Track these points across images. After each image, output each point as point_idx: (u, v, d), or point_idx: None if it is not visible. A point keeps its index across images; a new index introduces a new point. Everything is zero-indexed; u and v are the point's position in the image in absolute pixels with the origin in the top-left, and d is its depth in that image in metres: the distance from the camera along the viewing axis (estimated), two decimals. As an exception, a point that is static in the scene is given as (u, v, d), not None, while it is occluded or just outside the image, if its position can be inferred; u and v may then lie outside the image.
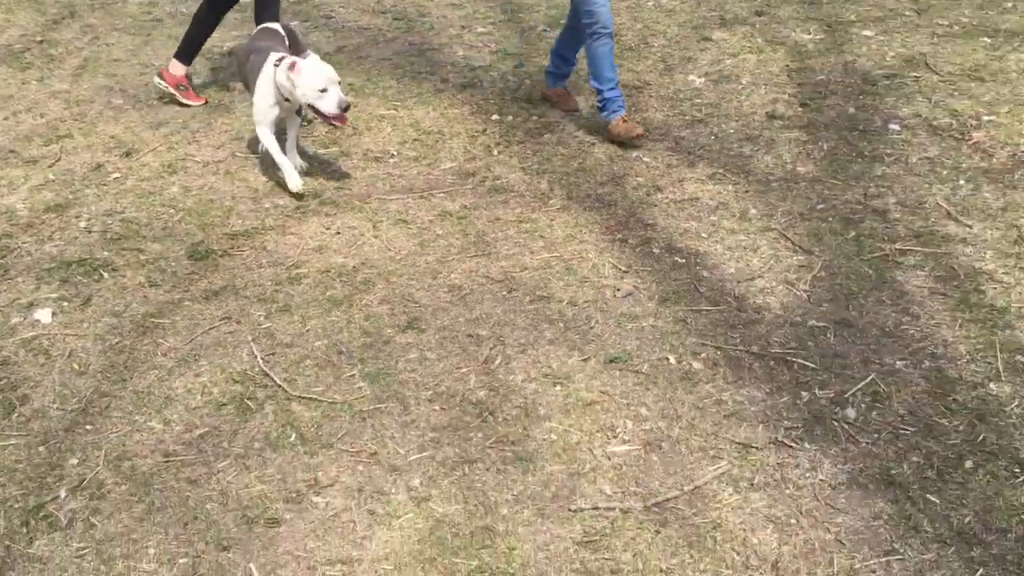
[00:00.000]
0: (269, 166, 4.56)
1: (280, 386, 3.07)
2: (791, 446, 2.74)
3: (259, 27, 4.68)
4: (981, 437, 2.71)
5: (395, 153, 4.70)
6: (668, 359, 3.15)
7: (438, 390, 3.04)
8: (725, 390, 2.99)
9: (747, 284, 3.55)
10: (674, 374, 3.08)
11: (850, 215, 3.96)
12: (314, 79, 4.00)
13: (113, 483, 2.67)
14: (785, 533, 2.45)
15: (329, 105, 4.02)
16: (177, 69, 5.24)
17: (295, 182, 4.24)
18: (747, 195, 4.18)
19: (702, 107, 5.05)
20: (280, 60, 4.13)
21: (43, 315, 3.43)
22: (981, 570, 2.29)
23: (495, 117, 5.10)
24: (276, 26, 4.62)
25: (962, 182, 4.10)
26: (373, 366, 3.16)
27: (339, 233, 4.00)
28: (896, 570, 2.32)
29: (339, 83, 4.05)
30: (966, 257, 3.58)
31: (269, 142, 4.27)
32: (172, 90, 5.24)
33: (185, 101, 5.25)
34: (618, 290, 3.56)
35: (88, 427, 2.90)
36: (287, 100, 4.17)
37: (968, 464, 2.62)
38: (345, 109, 4.05)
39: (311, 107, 4.08)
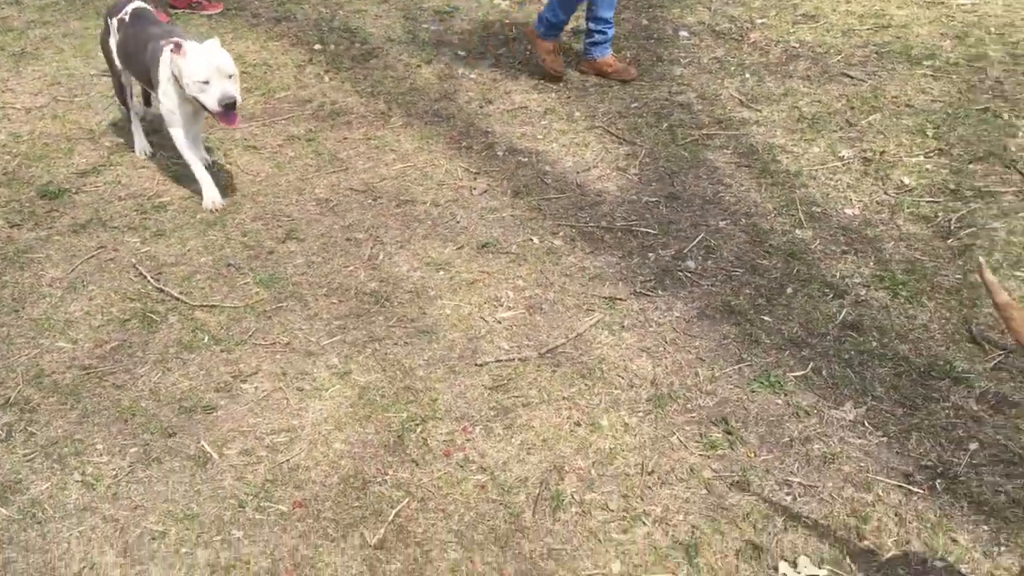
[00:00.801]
0: (109, 108, 4.54)
1: (179, 299, 3.21)
2: (648, 295, 3.23)
3: (132, 8, 3.89)
4: (796, 270, 3.31)
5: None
6: (532, 240, 3.55)
7: (332, 286, 3.30)
8: (585, 259, 3.44)
9: (585, 174, 4.00)
10: (540, 251, 3.49)
11: (660, 110, 4.49)
12: (197, 67, 3.36)
13: (40, 397, 2.76)
14: (656, 358, 2.93)
15: (210, 100, 3.38)
16: None
17: (212, 197, 3.71)
18: (570, 100, 4.63)
19: (513, 27, 5.43)
20: (170, 43, 3.49)
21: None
22: (811, 363, 2.87)
23: (317, 47, 5.26)
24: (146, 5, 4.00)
25: (747, 76, 4.73)
26: (264, 273, 3.36)
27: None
28: (747, 373, 2.85)
29: (231, 77, 3.40)
30: (761, 135, 4.20)
31: (182, 147, 3.71)
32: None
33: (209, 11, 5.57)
34: (474, 189, 3.91)
35: (-9, 356, 2.94)
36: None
37: (789, 290, 3.21)
38: (229, 106, 3.38)
39: (195, 100, 3.46)
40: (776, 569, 2.20)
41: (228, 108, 3.39)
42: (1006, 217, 3.46)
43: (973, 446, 2.52)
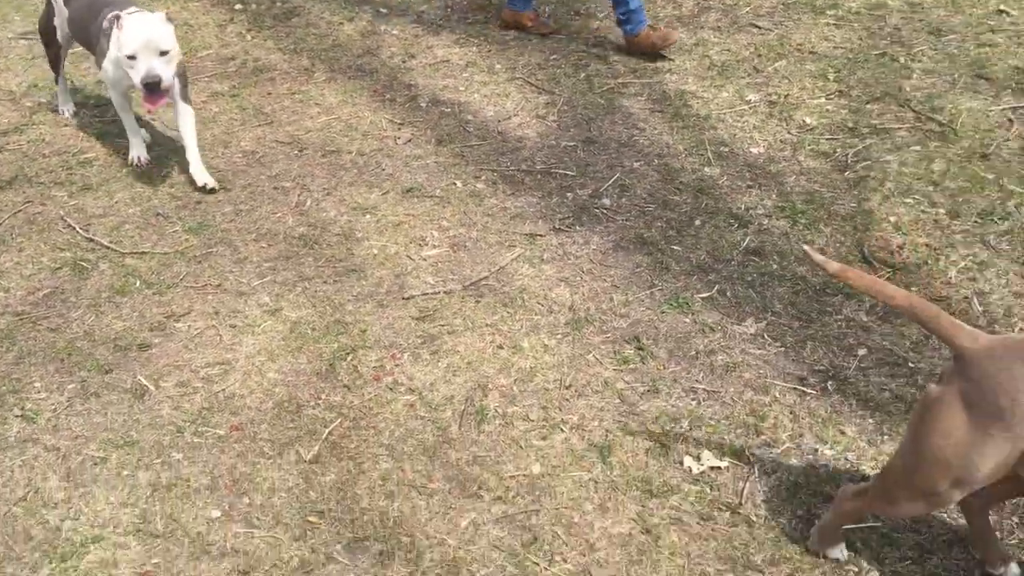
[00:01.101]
0: (29, 69, 4.52)
1: (109, 248, 3.28)
2: (566, 231, 3.39)
3: None
4: (704, 204, 3.51)
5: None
6: (455, 184, 3.69)
7: (260, 232, 3.39)
8: (507, 200, 3.59)
9: (506, 122, 4.14)
10: (463, 194, 3.63)
11: (578, 61, 4.65)
12: (126, 41, 3.21)
13: (-27, 341, 2.82)
14: (574, 287, 3.10)
15: (134, 76, 3.26)
16: None
17: (139, 153, 3.70)
18: (490, 54, 4.75)
19: (435, -16, 5.52)
20: (112, 14, 3.34)
21: None
22: (717, 286, 3.07)
23: (238, 6, 5.29)
24: None
25: (661, 27, 4.90)
26: (193, 221, 3.44)
27: (113, 121, 4.11)
28: (657, 297, 3.04)
29: (164, 53, 3.24)
30: (673, 83, 4.39)
31: (119, 107, 3.66)
32: None
33: None
34: (398, 138, 4.03)
35: (-77, 305, 2.98)
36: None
37: (697, 222, 3.41)
38: (152, 86, 3.22)
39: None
40: (682, 463, 2.40)
41: (151, 87, 3.21)
42: (898, 151, 3.70)
43: (862, 352, 2.74)
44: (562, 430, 2.53)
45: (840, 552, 2.12)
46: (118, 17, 3.26)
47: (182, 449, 2.47)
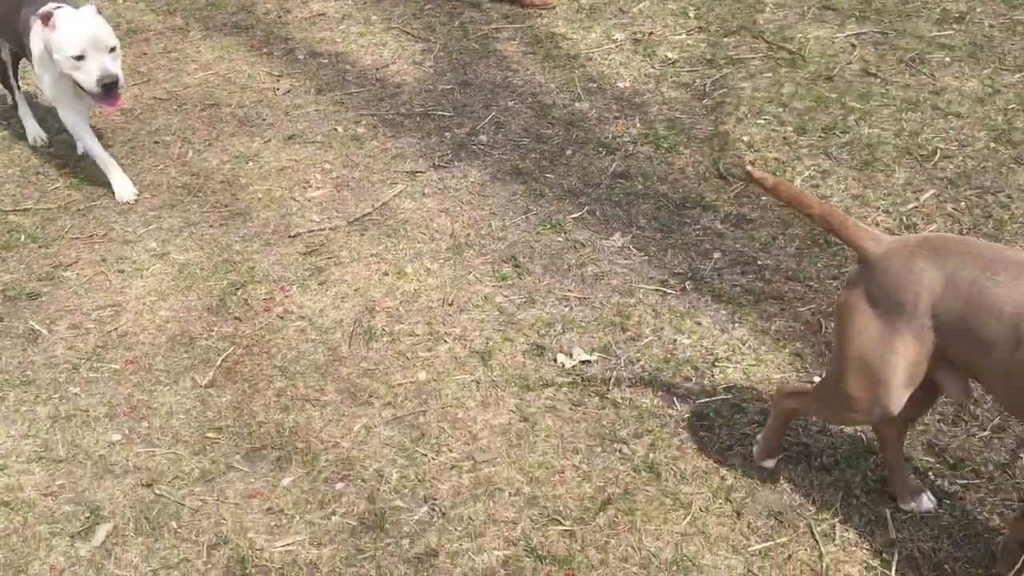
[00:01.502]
0: None
1: (-11, 206, 3.29)
2: (445, 167, 3.55)
3: None
4: (574, 135, 3.71)
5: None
6: (336, 129, 3.80)
7: (144, 184, 3.45)
8: (388, 142, 3.72)
9: (384, 70, 4.26)
10: (344, 138, 3.74)
11: (452, 10, 4.78)
12: (69, 40, 2.93)
13: None
14: (454, 216, 3.27)
15: (86, 79, 2.97)
16: None
17: (126, 189, 3.31)
18: (366, 6, 4.85)
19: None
20: (39, 13, 3.03)
21: None
22: (587, 207, 3.28)
23: (109, -29, 5.23)
24: None
25: (531, -25, 5.07)
26: (74, 177, 3.47)
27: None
28: (532, 220, 3.24)
29: (112, 49, 3.02)
30: (544, 27, 4.57)
31: (77, 131, 3.29)
32: None
33: None
34: (278, 89, 4.11)
35: None
36: None
37: (568, 152, 3.61)
38: (109, 86, 2.98)
39: (73, 80, 3.05)
40: (555, 360, 2.61)
41: (108, 88, 2.96)
42: (752, 78, 3.97)
43: (716, 255, 3.00)
44: (446, 341, 2.70)
45: (772, 463, 2.22)
46: (48, 16, 2.93)
47: (79, 384, 2.56)
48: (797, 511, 2.15)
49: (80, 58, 2.93)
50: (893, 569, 2.00)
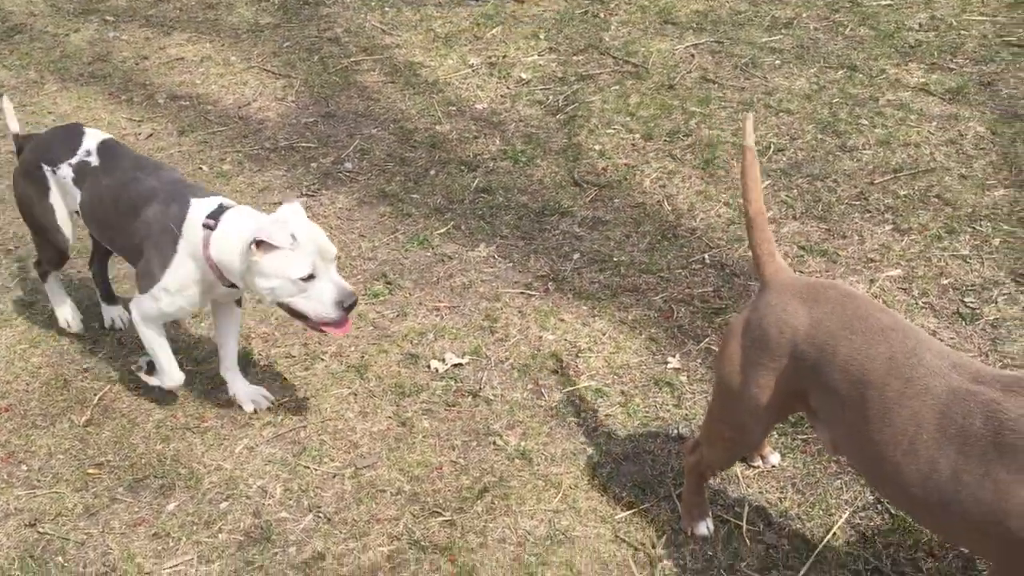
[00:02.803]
0: None
1: None
2: (313, 195, 3.65)
3: (97, 145, 2.63)
4: (437, 156, 3.86)
5: None
6: (202, 168, 3.85)
7: (7, 236, 3.42)
8: (254, 176, 3.79)
9: (246, 108, 4.34)
10: (210, 176, 3.80)
11: (311, 47, 4.89)
12: (298, 259, 2.20)
13: None
14: (325, 242, 3.36)
15: (319, 304, 2.25)
16: None
17: (175, 376, 2.56)
18: (224, 48, 4.91)
19: (161, -12, 5.59)
20: (219, 216, 2.30)
21: None
22: (452, 222, 3.43)
23: (-45, 29, 5.15)
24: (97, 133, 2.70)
25: (387, 8, 5.24)
26: (-68, 235, 3.42)
27: None
28: (401, 239, 3.36)
29: (336, 259, 2.33)
30: (403, 56, 4.72)
31: (158, 346, 2.51)
32: None
33: None
34: (139, 134, 4.13)
35: None
36: (231, 285, 2.37)
37: (432, 172, 3.76)
38: (350, 307, 2.27)
39: (283, 306, 2.31)
40: (429, 366, 2.73)
41: (348, 310, 2.28)
42: (601, 92, 4.21)
43: (576, 256, 3.18)
44: (322, 359, 2.79)
45: (705, 528, 2.13)
46: (259, 243, 2.18)
47: (-49, 436, 2.54)
48: (659, 479, 2.32)
49: (310, 278, 2.24)
50: (744, 519, 2.19)
